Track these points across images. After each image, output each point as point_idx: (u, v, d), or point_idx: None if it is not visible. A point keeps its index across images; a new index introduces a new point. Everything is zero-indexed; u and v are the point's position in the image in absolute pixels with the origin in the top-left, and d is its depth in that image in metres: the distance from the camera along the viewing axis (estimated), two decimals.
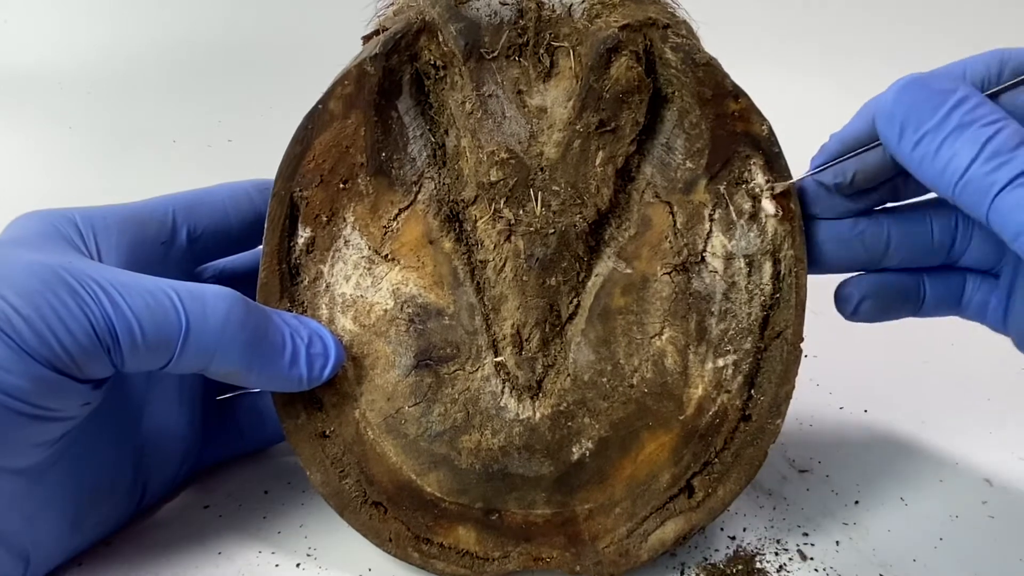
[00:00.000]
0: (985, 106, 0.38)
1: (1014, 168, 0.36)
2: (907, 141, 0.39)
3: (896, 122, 0.39)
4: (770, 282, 0.46)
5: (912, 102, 0.39)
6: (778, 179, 0.45)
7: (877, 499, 0.56)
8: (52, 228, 0.46)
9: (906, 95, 0.39)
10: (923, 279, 0.49)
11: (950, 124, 0.38)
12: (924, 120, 0.38)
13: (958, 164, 0.37)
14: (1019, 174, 0.36)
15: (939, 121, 0.38)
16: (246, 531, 0.52)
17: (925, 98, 0.39)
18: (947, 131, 0.38)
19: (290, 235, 0.46)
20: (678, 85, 0.45)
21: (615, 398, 0.46)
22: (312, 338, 0.45)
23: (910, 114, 0.39)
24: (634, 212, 0.46)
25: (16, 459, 0.42)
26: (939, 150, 0.38)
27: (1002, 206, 0.37)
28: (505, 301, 0.46)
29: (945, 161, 0.38)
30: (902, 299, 0.49)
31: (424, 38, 0.45)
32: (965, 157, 0.37)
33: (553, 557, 0.47)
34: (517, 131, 0.45)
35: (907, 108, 0.39)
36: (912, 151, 0.39)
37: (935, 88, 0.39)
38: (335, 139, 0.45)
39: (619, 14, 0.45)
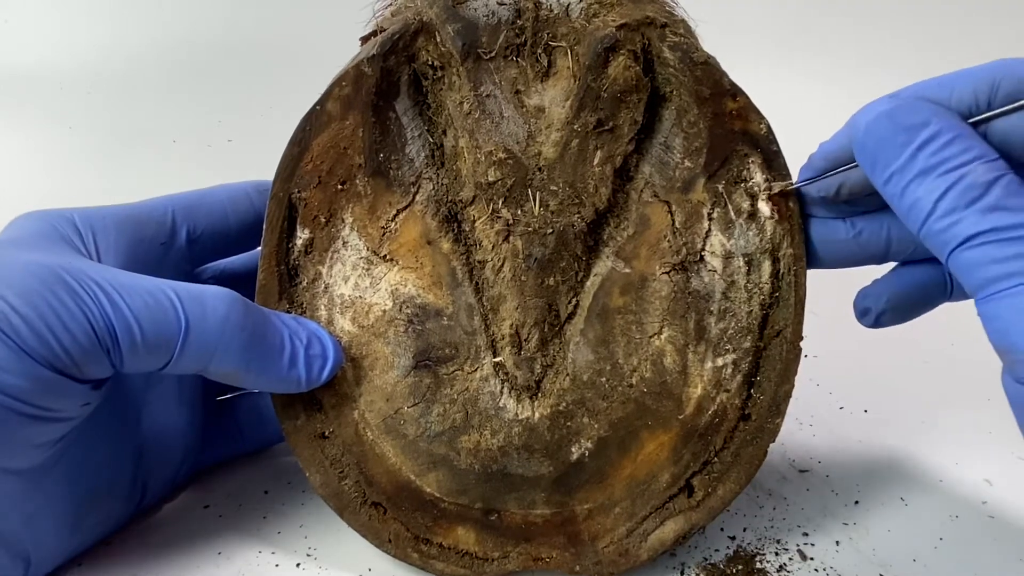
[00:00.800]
0: (956, 144, 0.37)
1: (967, 227, 0.35)
2: (878, 175, 0.39)
3: (868, 156, 0.39)
4: (769, 281, 0.46)
5: (881, 137, 0.38)
6: (776, 178, 0.45)
7: (877, 499, 0.55)
8: (51, 228, 0.46)
9: (875, 129, 0.38)
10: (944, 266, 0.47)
11: (915, 167, 0.37)
12: (891, 159, 0.38)
13: (919, 212, 0.37)
14: (971, 236, 0.35)
15: (904, 162, 0.37)
16: (246, 531, 0.52)
17: (893, 134, 0.38)
18: (911, 175, 0.37)
19: (288, 236, 0.46)
20: (676, 84, 0.45)
21: (614, 398, 0.46)
22: (311, 339, 0.45)
23: (879, 151, 0.38)
24: (632, 211, 0.46)
25: (16, 459, 0.42)
26: (904, 193, 0.37)
27: (958, 263, 0.36)
28: (504, 301, 0.46)
29: (908, 205, 0.37)
30: (926, 294, 0.47)
31: (422, 39, 0.45)
32: (924, 207, 0.37)
33: (553, 557, 0.47)
34: (515, 131, 0.45)
35: (876, 143, 0.38)
36: (883, 187, 0.39)
37: (904, 123, 0.37)
38: (333, 140, 0.45)
39: (617, 13, 0.45)
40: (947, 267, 0.37)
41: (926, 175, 0.37)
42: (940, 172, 0.36)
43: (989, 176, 0.36)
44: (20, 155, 1.24)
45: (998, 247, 0.35)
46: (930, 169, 0.37)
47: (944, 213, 0.36)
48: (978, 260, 0.35)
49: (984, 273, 0.35)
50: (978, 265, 0.35)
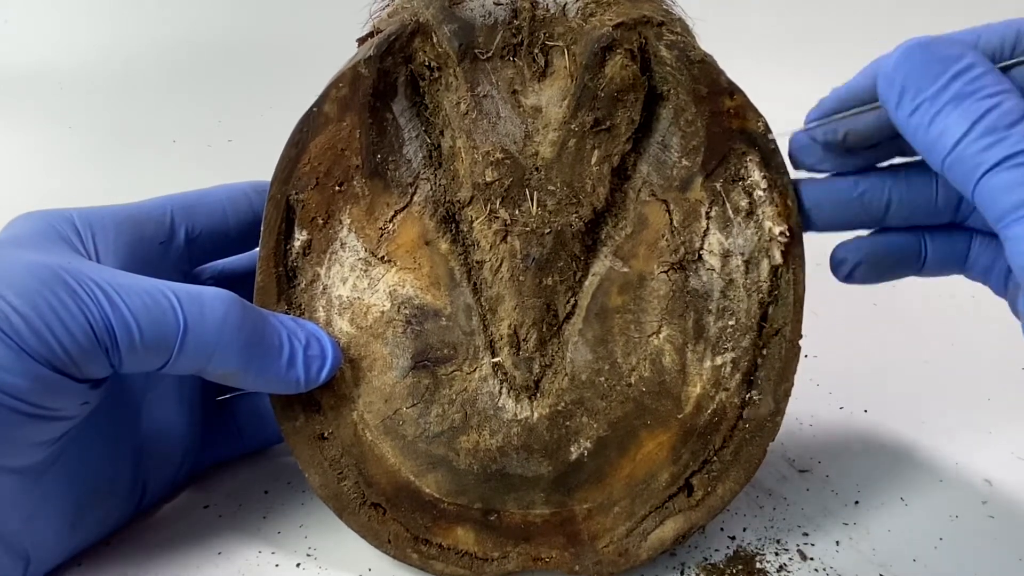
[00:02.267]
0: (989, 75, 0.36)
1: (1006, 148, 0.35)
2: (904, 107, 0.38)
3: (896, 86, 0.38)
4: (768, 279, 0.46)
5: (914, 67, 0.38)
6: (775, 177, 0.45)
7: (877, 499, 0.55)
8: (50, 228, 0.46)
9: (909, 59, 0.38)
10: (924, 239, 0.47)
11: (948, 94, 0.37)
12: (923, 87, 0.37)
13: (949, 139, 0.36)
14: (1008, 156, 0.35)
15: (938, 90, 0.37)
16: (246, 531, 0.53)
17: (927, 63, 0.37)
18: (944, 101, 0.37)
19: (286, 238, 0.46)
20: (673, 83, 0.45)
21: (613, 397, 0.46)
22: (309, 340, 0.45)
23: (910, 79, 0.38)
24: (630, 211, 0.46)
25: (15, 458, 0.42)
26: (933, 121, 0.37)
27: (988, 187, 0.36)
28: (502, 301, 0.46)
29: (937, 133, 0.37)
30: (901, 260, 0.47)
31: (418, 39, 0.45)
32: (956, 131, 0.36)
33: (552, 557, 0.47)
34: (512, 131, 0.45)
35: (908, 73, 0.38)
36: (908, 118, 0.38)
37: (939, 54, 0.37)
38: (330, 141, 0.45)
39: (613, 12, 0.44)
40: (972, 194, 0.36)
41: (961, 100, 0.36)
42: (977, 97, 0.36)
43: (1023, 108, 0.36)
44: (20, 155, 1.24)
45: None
46: (966, 95, 0.36)
47: (982, 134, 0.36)
48: (1009, 182, 0.35)
49: (1014, 196, 0.35)
50: (1009, 188, 0.35)
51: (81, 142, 1.27)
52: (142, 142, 1.26)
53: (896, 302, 0.80)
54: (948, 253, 0.47)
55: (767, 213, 0.45)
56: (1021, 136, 0.35)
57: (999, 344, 0.72)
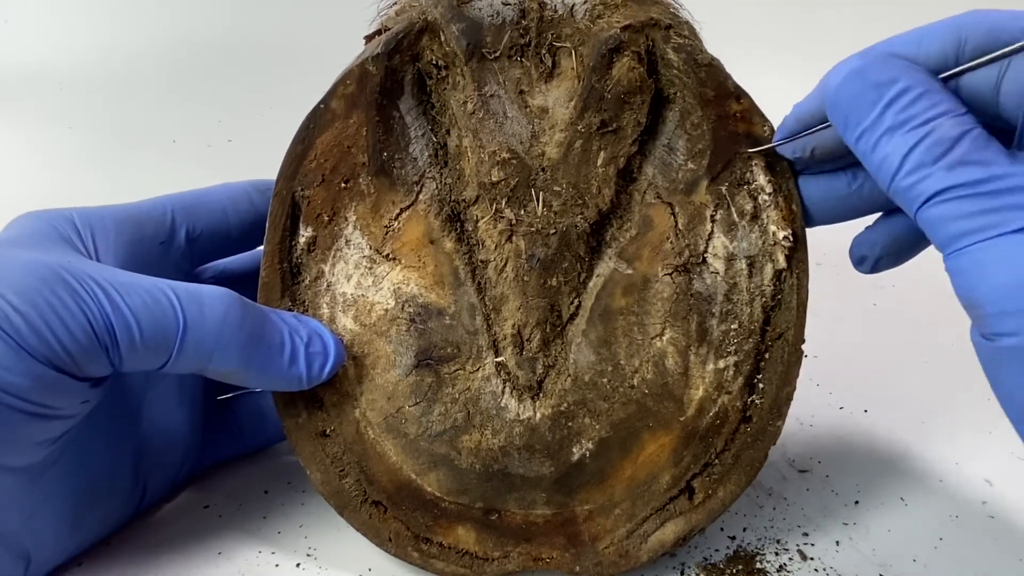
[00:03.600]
0: (924, 100, 0.36)
1: (932, 185, 0.35)
2: (850, 133, 0.39)
3: (840, 115, 0.39)
4: (771, 283, 0.46)
5: (851, 96, 0.38)
6: (780, 181, 0.45)
7: (877, 499, 0.55)
8: (50, 228, 0.46)
9: (846, 88, 0.38)
10: None
11: (883, 125, 0.37)
12: (861, 117, 0.38)
13: (887, 169, 0.37)
14: (938, 191, 0.35)
15: (873, 120, 0.37)
16: (246, 531, 0.52)
17: (862, 92, 0.38)
18: (880, 132, 0.37)
19: (291, 234, 0.46)
20: (680, 86, 0.45)
21: (615, 399, 0.46)
22: (311, 337, 0.45)
23: (850, 109, 0.38)
24: (635, 213, 0.46)
25: (16, 457, 0.42)
26: (874, 150, 0.37)
27: (925, 220, 0.36)
28: (506, 301, 0.46)
29: (878, 163, 0.37)
30: (917, 238, 0.46)
31: (426, 38, 0.45)
32: (892, 164, 0.37)
33: (553, 557, 0.47)
34: (519, 131, 0.45)
35: (847, 102, 0.38)
36: (855, 145, 0.39)
37: (873, 80, 0.37)
38: (337, 138, 0.45)
39: (621, 15, 0.45)
40: (915, 221, 0.37)
41: (894, 132, 0.37)
42: (907, 128, 0.36)
43: (956, 131, 0.36)
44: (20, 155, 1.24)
45: (962, 203, 0.35)
46: (898, 126, 0.37)
47: (911, 170, 0.36)
48: (943, 216, 0.35)
49: (950, 229, 0.35)
50: (944, 221, 0.35)
51: (81, 142, 1.26)
52: (142, 142, 1.26)
53: (896, 302, 0.81)
54: None
55: (772, 217, 0.45)
56: (947, 170, 0.35)
57: None
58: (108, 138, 1.28)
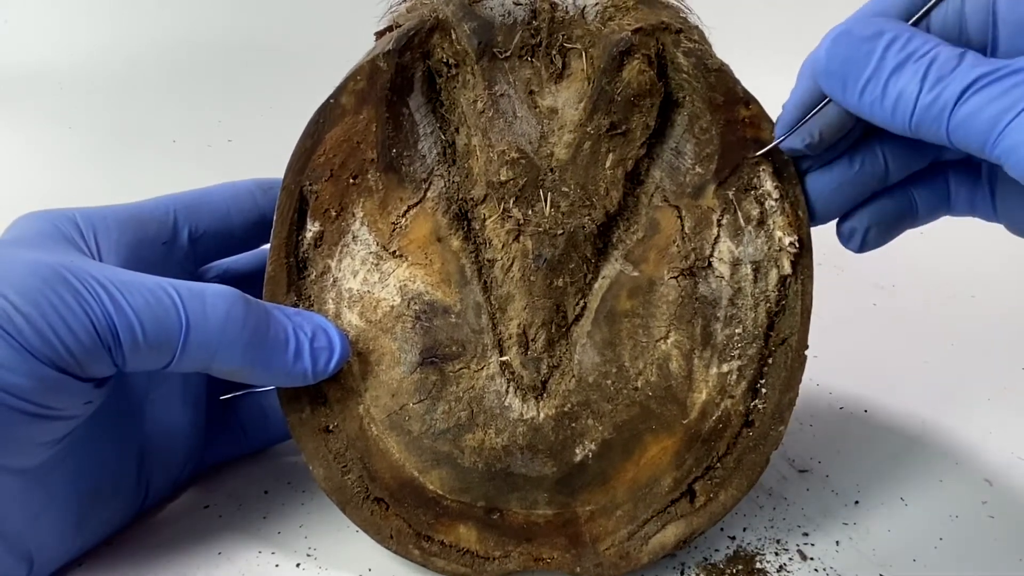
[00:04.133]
0: (915, 39, 0.38)
1: (959, 83, 0.36)
2: (851, 92, 0.39)
3: (836, 78, 0.40)
4: (776, 289, 0.46)
5: (844, 55, 0.39)
6: (787, 187, 0.45)
7: (877, 499, 0.55)
8: (53, 228, 0.46)
9: (837, 49, 0.39)
10: (911, 191, 0.48)
11: (887, 66, 0.38)
12: (861, 69, 0.39)
13: (907, 99, 0.38)
14: (966, 87, 0.36)
15: (876, 66, 0.38)
16: (246, 531, 0.52)
17: (855, 48, 0.39)
18: (887, 72, 0.38)
19: (299, 229, 0.46)
20: (689, 90, 0.45)
21: (619, 400, 0.46)
22: (316, 332, 0.45)
23: (846, 67, 0.39)
24: (642, 215, 0.46)
25: (19, 458, 0.41)
26: (885, 92, 0.38)
27: (958, 121, 0.37)
28: (512, 301, 0.46)
29: (893, 101, 0.38)
30: (900, 216, 0.48)
31: (437, 36, 0.45)
32: (912, 91, 0.37)
33: (554, 558, 0.47)
34: (528, 131, 0.45)
35: (841, 62, 0.39)
36: (860, 100, 0.39)
37: (861, 35, 0.39)
38: (346, 134, 0.45)
39: (632, 18, 0.45)
40: (948, 137, 0.38)
41: (902, 67, 0.38)
42: (915, 59, 0.38)
43: (957, 51, 0.37)
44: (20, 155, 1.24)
45: (993, 86, 0.36)
46: (904, 60, 0.38)
47: (934, 83, 0.37)
48: (979, 105, 0.36)
49: (989, 112, 0.36)
50: (980, 109, 0.36)
51: (81, 142, 1.26)
52: (142, 142, 1.26)
53: (896, 302, 0.81)
54: (933, 197, 0.48)
55: (778, 223, 0.46)
56: (969, 67, 0.37)
57: (999, 344, 0.72)
58: (108, 138, 1.28)
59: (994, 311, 0.46)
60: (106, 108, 1.37)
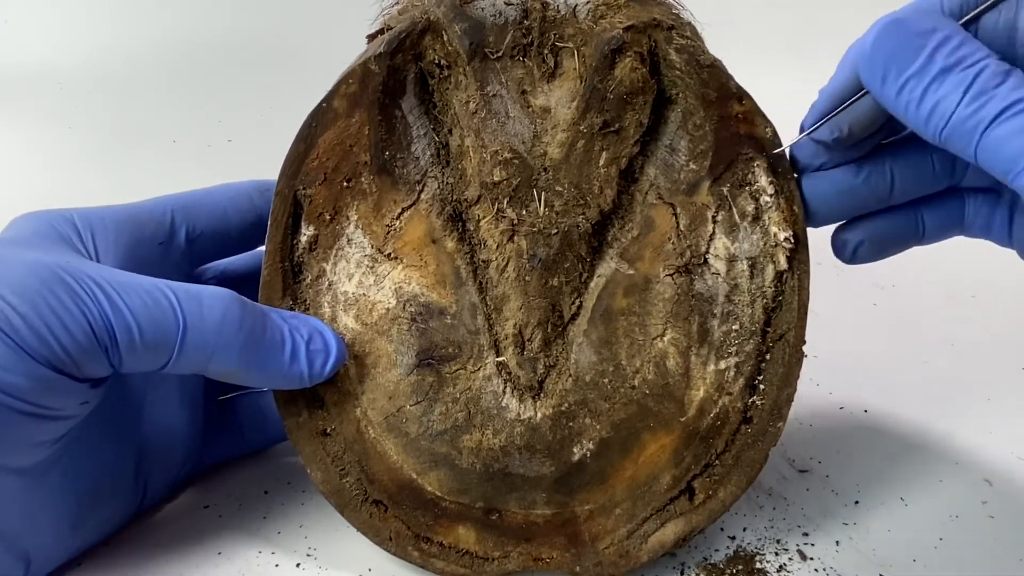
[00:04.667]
0: (967, 45, 0.37)
1: (998, 103, 0.36)
2: (890, 87, 0.38)
3: (878, 67, 0.38)
4: (772, 284, 0.46)
5: (892, 46, 0.38)
6: (782, 182, 0.45)
7: (877, 499, 0.55)
8: (50, 228, 0.46)
9: (885, 39, 0.38)
10: (920, 211, 0.47)
11: (933, 68, 0.37)
12: (906, 65, 0.38)
13: (944, 109, 0.37)
14: (1004, 109, 0.35)
15: (921, 65, 0.37)
16: (246, 531, 0.52)
17: (905, 41, 0.38)
18: (931, 76, 0.37)
19: (293, 233, 0.46)
20: (682, 87, 0.45)
21: (616, 399, 0.46)
22: (312, 335, 0.45)
23: (891, 59, 0.38)
24: (637, 213, 0.46)
25: (16, 458, 0.42)
26: (924, 96, 0.37)
27: (989, 142, 0.36)
28: (507, 301, 0.46)
29: (930, 107, 0.37)
30: (901, 234, 0.47)
31: (429, 37, 0.45)
32: (951, 101, 0.37)
33: (553, 557, 0.47)
34: (521, 131, 0.45)
35: (888, 53, 0.38)
36: (896, 97, 0.38)
37: (915, 30, 0.38)
38: (339, 137, 0.45)
39: (624, 15, 0.45)
40: (975, 155, 0.37)
41: (947, 72, 0.37)
42: (961, 68, 0.37)
43: (1004, 67, 0.36)
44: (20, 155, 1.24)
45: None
46: (951, 67, 0.37)
47: (974, 97, 0.36)
48: (1011, 131, 0.35)
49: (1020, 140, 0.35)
50: (1012, 136, 0.35)
51: (81, 142, 1.26)
52: (142, 142, 1.26)
53: (896, 302, 0.80)
54: (945, 218, 0.47)
55: (773, 218, 0.46)
56: (1011, 88, 0.36)
57: (999, 344, 0.72)
58: (108, 138, 1.28)
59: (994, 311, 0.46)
60: (106, 108, 1.37)
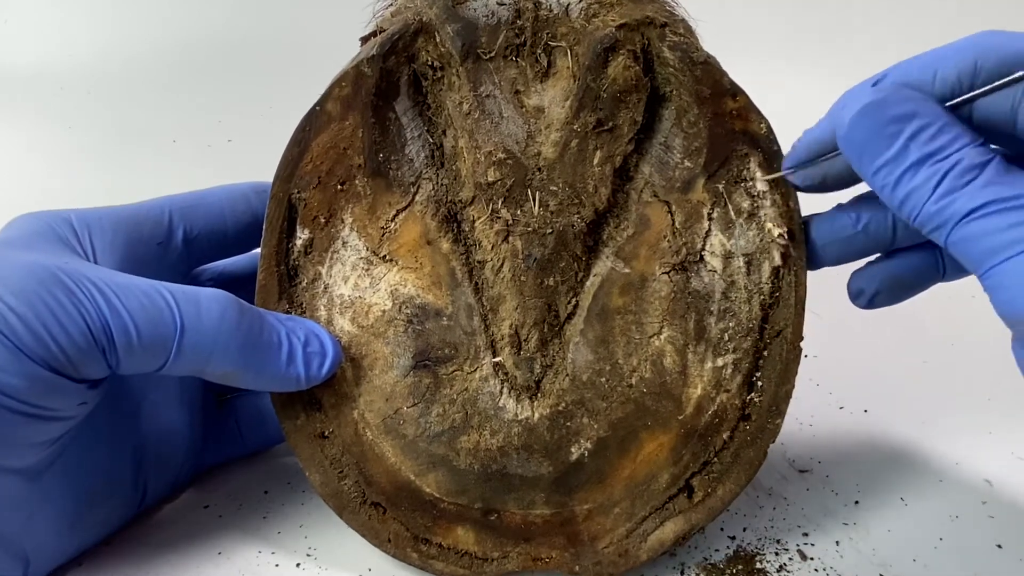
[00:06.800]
0: (945, 133, 0.37)
1: (966, 203, 0.36)
2: (866, 167, 0.39)
3: (855, 147, 0.39)
4: (769, 281, 0.46)
5: (869, 130, 0.38)
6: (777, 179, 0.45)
7: (877, 499, 0.55)
8: (48, 229, 0.46)
9: (863, 120, 0.38)
10: (936, 249, 0.46)
11: (907, 158, 0.37)
12: (881, 150, 0.38)
13: (916, 201, 0.37)
14: (971, 210, 0.36)
15: (896, 154, 0.37)
16: (246, 531, 0.53)
17: (882, 127, 0.38)
18: (904, 166, 0.37)
19: (288, 236, 0.46)
20: (676, 84, 0.45)
21: (614, 398, 0.46)
22: (309, 337, 0.45)
23: (867, 143, 0.38)
24: (632, 211, 0.46)
25: (14, 459, 0.42)
26: (897, 184, 0.37)
27: (959, 239, 0.36)
28: (503, 301, 0.46)
29: (903, 196, 0.37)
30: (920, 276, 0.46)
31: (421, 39, 0.45)
32: (922, 194, 0.37)
33: (552, 557, 0.47)
34: (515, 131, 0.45)
35: (864, 136, 0.38)
36: (872, 177, 0.39)
37: (892, 114, 0.37)
38: (333, 140, 0.45)
39: (616, 13, 0.45)
40: (946, 248, 0.37)
41: (920, 165, 0.37)
42: (934, 161, 0.37)
43: (982, 159, 0.36)
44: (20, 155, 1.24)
45: (999, 217, 0.35)
46: (923, 159, 0.37)
47: (943, 195, 0.36)
48: (978, 233, 0.36)
49: (987, 243, 0.35)
50: (980, 237, 0.36)
51: (81, 142, 1.26)
52: (142, 142, 1.26)
53: None
54: None
55: (769, 215, 0.45)
56: (980, 189, 0.36)
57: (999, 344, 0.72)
58: (108, 138, 1.28)
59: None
60: (106, 108, 1.37)
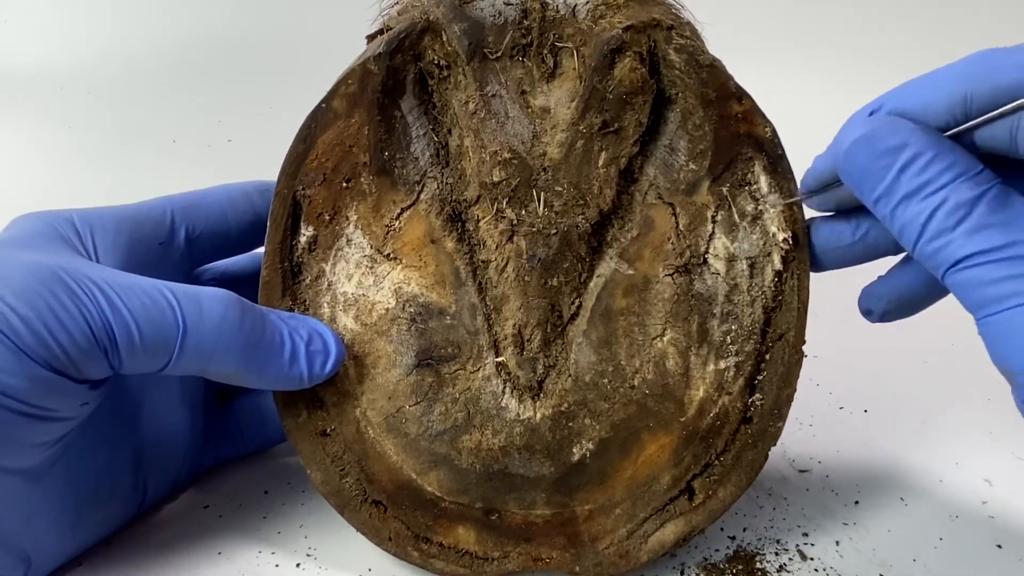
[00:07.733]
0: (934, 164, 0.37)
1: (955, 251, 0.36)
2: (866, 198, 0.39)
3: (853, 180, 0.39)
4: (772, 284, 0.46)
5: (860, 166, 0.38)
6: (781, 182, 0.45)
7: (877, 499, 0.55)
8: (50, 229, 0.46)
9: (855, 155, 0.38)
10: None
11: (899, 192, 0.37)
12: (875, 184, 0.38)
13: (910, 234, 0.37)
14: (959, 259, 0.36)
15: (888, 187, 0.37)
16: (246, 531, 0.52)
17: (873, 159, 0.38)
18: (896, 199, 0.37)
19: (292, 233, 0.46)
20: (682, 86, 0.45)
21: (616, 399, 0.46)
22: (311, 336, 0.45)
23: (862, 176, 0.38)
24: (636, 213, 0.46)
25: (15, 459, 0.42)
26: (893, 216, 0.38)
27: (953, 284, 0.36)
28: (507, 301, 0.46)
29: (899, 228, 0.38)
30: (931, 289, 0.46)
31: (428, 38, 0.45)
32: (914, 230, 0.37)
33: (553, 558, 0.47)
34: (520, 131, 0.45)
35: (858, 170, 0.38)
36: (873, 208, 0.39)
37: (882, 147, 0.37)
38: (338, 138, 0.45)
39: (623, 15, 0.45)
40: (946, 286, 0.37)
41: (910, 199, 0.37)
42: (923, 195, 0.36)
43: (973, 193, 0.36)
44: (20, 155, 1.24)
45: (988, 269, 0.35)
46: (913, 192, 0.37)
47: (933, 236, 0.36)
48: (971, 282, 0.36)
49: (977, 295, 0.35)
50: (971, 287, 0.36)
51: (81, 142, 1.26)
52: (142, 142, 1.26)
53: None
54: None
55: (772, 218, 0.46)
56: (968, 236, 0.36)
57: None
58: (108, 138, 1.28)
59: None
60: (106, 108, 1.37)
